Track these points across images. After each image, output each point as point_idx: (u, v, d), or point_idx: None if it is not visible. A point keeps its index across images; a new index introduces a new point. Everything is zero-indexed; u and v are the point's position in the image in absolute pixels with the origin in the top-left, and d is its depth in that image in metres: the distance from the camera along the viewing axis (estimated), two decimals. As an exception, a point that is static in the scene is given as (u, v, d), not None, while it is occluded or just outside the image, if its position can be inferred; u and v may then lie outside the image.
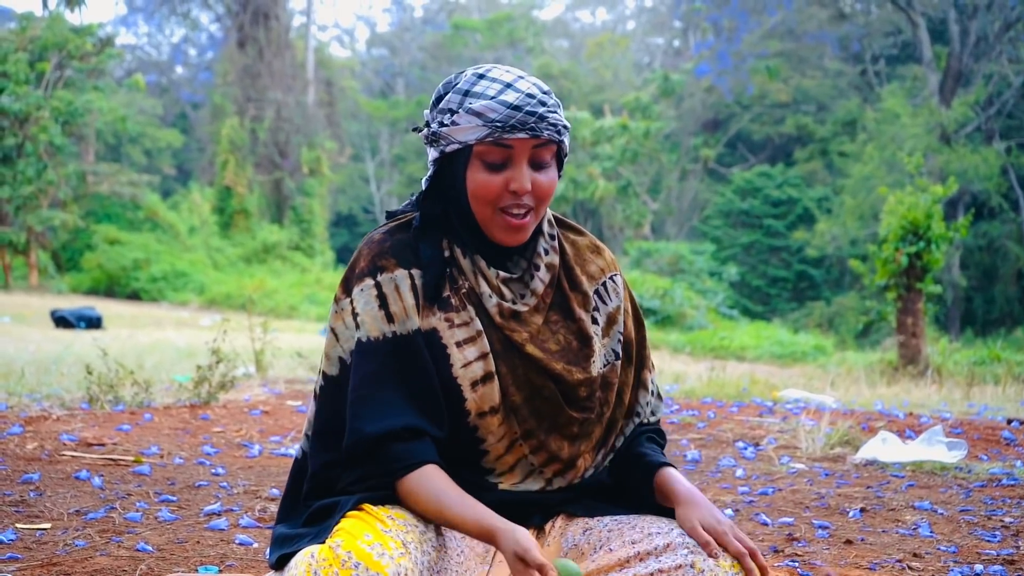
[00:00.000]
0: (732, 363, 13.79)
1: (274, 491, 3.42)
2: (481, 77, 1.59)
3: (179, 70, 47.40)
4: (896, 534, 3.08)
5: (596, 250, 1.77)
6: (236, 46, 34.15)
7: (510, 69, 1.61)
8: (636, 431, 1.75)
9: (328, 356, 1.63)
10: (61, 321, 15.24)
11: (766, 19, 34.91)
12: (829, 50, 35.18)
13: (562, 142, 1.61)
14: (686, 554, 1.54)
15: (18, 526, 2.78)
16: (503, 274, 1.64)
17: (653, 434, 1.78)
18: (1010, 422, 5.55)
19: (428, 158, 1.65)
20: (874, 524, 3.22)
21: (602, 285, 1.74)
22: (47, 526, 2.81)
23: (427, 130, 1.63)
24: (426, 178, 1.67)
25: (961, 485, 3.95)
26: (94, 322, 15.32)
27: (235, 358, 5.94)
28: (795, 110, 35.18)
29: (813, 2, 33.38)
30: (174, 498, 3.24)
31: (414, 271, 1.61)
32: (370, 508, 1.51)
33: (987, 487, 3.91)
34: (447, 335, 1.60)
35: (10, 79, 25.72)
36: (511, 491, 1.64)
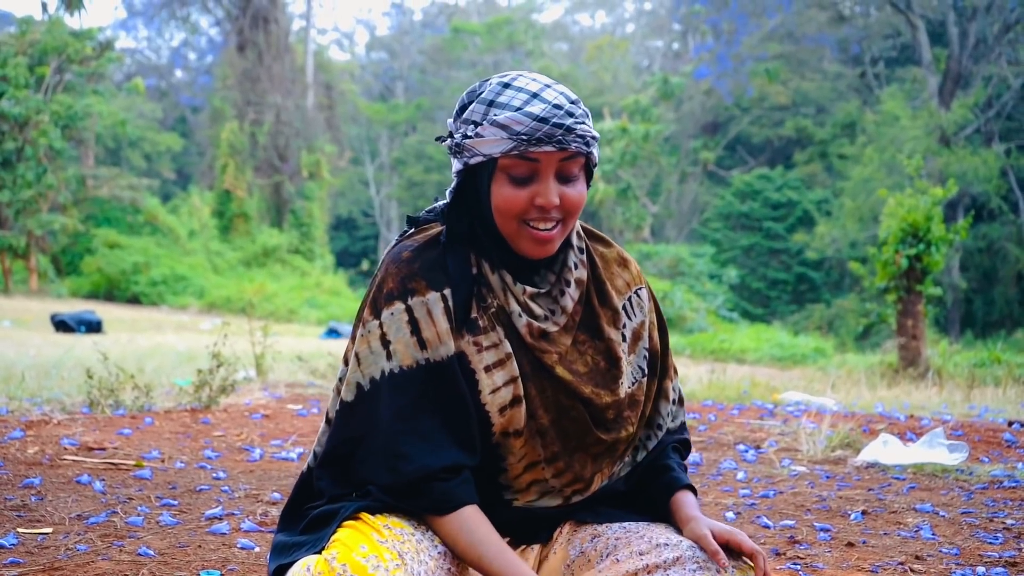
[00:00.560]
0: (732, 366, 13.77)
1: (275, 495, 3.41)
2: (506, 87, 1.53)
3: (179, 74, 47.50)
4: (898, 536, 3.08)
5: (623, 263, 1.71)
6: (236, 50, 34.22)
7: (536, 77, 1.55)
8: (663, 440, 1.74)
9: (348, 382, 1.57)
10: (61, 325, 15.25)
11: (765, 22, 34.93)
12: (828, 52, 35.23)
13: (591, 153, 1.54)
14: (695, 569, 1.50)
15: (19, 531, 2.77)
16: (531, 289, 1.58)
17: (679, 444, 1.77)
18: (1011, 424, 5.55)
19: (452, 169, 1.60)
20: (876, 526, 3.22)
21: (628, 300, 1.69)
22: (48, 531, 2.80)
23: (451, 141, 1.57)
24: (451, 189, 1.61)
25: (962, 487, 3.94)
26: (94, 326, 15.32)
27: (235, 362, 5.93)
28: (794, 113, 35.22)
29: (812, 4, 33.42)
30: (175, 502, 3.24)
31: (446, 291, 1.55)
32: (367, 517, 1.49)
33: (988, 489, 3.90)
34: (476, 360, 1.55)
35: (10, 83, 25.76)
36: (525, 508, 1.63)
